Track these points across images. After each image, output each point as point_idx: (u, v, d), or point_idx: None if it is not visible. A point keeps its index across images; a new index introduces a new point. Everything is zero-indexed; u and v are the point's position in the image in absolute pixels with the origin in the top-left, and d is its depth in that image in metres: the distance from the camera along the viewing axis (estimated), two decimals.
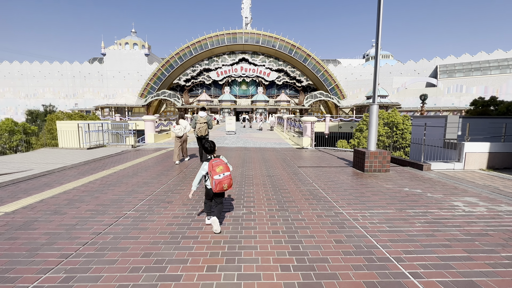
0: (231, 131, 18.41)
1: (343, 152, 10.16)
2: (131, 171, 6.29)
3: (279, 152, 9.99)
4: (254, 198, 4.31)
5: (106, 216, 3.48)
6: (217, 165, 2.96)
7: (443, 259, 2.45)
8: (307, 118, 11.93)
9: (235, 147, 11.62)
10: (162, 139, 14.93)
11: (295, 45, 45.82)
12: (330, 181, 5.50)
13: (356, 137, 18.79)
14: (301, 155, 9.40)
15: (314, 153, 9.93)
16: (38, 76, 48.74)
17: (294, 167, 6.98)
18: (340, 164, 7.45)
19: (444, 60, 43.86)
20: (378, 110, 6.51)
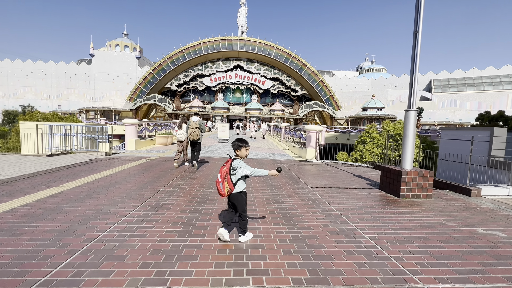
0: (223, 139, 16.79)
1: (355, 168, 8.70)
2: (86, 190, 4.56)
3: (281, 166, 8.43)
4: (264, 251, 2.68)
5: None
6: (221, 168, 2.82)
7: None
8: (312, 127, 10.51)
9: (228, 157, 9.97)
10: (145, 146, 13.13)
11: (291, 54, 45.27)
12: (363, 212, 3.95)
13: (358, 149, 17.52)
14: (308, 170, 7.87)
15: (322, 168, 8.42)
16: (19, 74, 45.92)
17: (306, 188, 5.42)
18: (361, 185, 5.94)
19: (438, 75, 44.24)
20: (415, 118, 5.12)
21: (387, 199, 4.76)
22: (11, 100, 45.76)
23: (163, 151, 11.33)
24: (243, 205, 2.82)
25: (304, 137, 12.16)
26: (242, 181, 2.81)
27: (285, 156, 11.17)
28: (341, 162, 9.80)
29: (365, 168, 8.78)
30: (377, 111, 36.48)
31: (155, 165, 7.65)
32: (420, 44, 4.95)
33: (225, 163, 2.77)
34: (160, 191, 4.74)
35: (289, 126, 16.93)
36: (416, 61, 4.99)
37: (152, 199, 4.23)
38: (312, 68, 45.48)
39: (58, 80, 46.57)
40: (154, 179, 5.75)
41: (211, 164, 8.31)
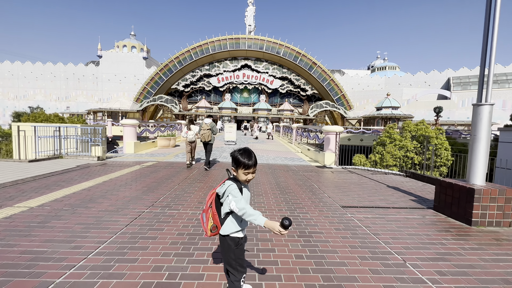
0: (231, 141, 15.62)
1: (385, 176, 7.31)
2: (45, 213, 3.43)
3: (296, 173, 7.15)
4: None
5: None
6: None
7: None
8: (331, 128, 9.17)
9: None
10: (145, 148, 12.09)
11: (300, 52, 43.82)
12: (434, 254, 2.63)
13: (377, 151, 15.98)
14: (330, 179, 6.55)
15: (345, 176, 7.08)
16: (29, 77, 46.32)
17: (336, 208, 4.13)
18: (406, 202, 4.59)
19: (457, 72, 41.79)
20: (491, 115, 3.75)
21: (455, 229, 3.41)
22: (22, 102, 46.21)
23: (163, 155, 10.24)
24: (232, 258, 1.64)
25: (320, 139, 10.83)
26: (233, 218, 1.65)
27: (299, 161, 9.86)
28: (366, 169, 8.42)
29: (396, 176, 7.38)
30: (392, 110, 34.55)
31: (150, 173, 6.52)
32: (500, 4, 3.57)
33: (220, 184, 1.72)
34: (143, 214, 3.55)
35: (301, 127, 15.58)
36: (493, 25, 3.60)
37: (128, 229, 3.04)
38: (322, 66, 43.88)
39: (66, 81, 46.73)
40: (142, 193, 4.58)
41: (214, 171, 7.11)
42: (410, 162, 14.48)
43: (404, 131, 16.50)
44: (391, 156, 14.92)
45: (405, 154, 14.94)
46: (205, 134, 7.46)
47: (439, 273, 2.29)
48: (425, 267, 2.38)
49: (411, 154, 14.52)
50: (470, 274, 2.29)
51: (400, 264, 2.43)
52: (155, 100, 42.41)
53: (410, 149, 14.67)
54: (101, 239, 2.73)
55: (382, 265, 2.40)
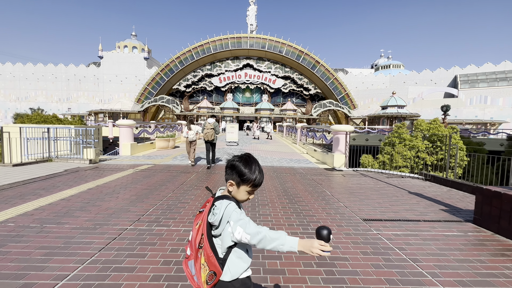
0: (232, 141, 14.99)
1: (402, 180, 6.62)
2: (5, 233, 2.81)
3: (304, 177, 6.49)
4: None
5: None
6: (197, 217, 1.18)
7: None
8: (340, 127, 8.49)
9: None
10: (142, 150, 11.51)
11: (303, 51, 43.11)
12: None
13: (386, 152, 15.24)
14: (342, 184, 5.88)
15: (359, 180, 6.41)
16: (30, 78, 46.18)
17: (357, 222, 3.47)
18: (436, 213, 3.91)
19: (464, 70, 40.76)
20: None
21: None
22: (23, 104, 46.09)
23: (161, 157, 9.65)
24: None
25: (328, 139, 10.16)
26: (239, 251, 1.11)
27: (306, 163, 9.19)
28: (380, 171, 7.72)
29: (415, 179, 6.68)
30: (398, 109, 33.70)
31: (143, 178, 5.91)
32: None
33: (203, 205, 1.19)
34: (124, 232, 2.92)
35: (306, 126, 14.90)
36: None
37: (102, 255, 2.41)
38: (325, 65, 43.12)
39: (68, 82, 46.51)
40: (130, 203, 3.96)
41: (214, 175, 6.48)
42: (421, 163, 13.74)
43: (415, 130, 15.76)
44: (401, 156, 14.18)
45: (416, 154, 14.20)
46: (208, 133, 7.60)
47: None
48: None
49: (423, 155, 13.78)
50: None
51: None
52: (156, 100, 41.98)
53: (421, 149, 13.92)
54: (61, 272, 2.10)
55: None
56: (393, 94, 34.77)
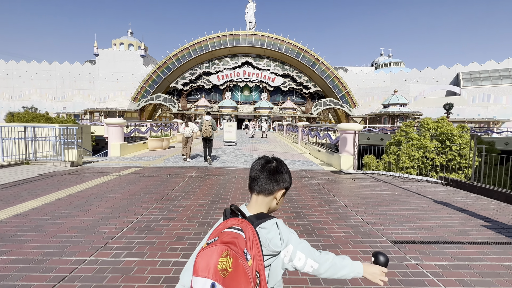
0: (230, 141, 14.22)
1: (419, 184, 5.89)
2: None
3: (310, 182, 5.76)
4: None
5: None
6: (223, 244, 0.70)
7: None
8: (347, 126, 7.75)
9: (235, 168, 7.38)
10: (133, 151, 10.74)
11: (303, 49, 42.32)
12: None
13: (392, 152, 14.53)
14: (356, 191, 5.15)
15: (372, 185, 5.68)
16: (24, 76, 45.11)
17: (387, 246, 2.73)
18: (481, 232, 3.18)
19: (466, 67, 40.11)
20: None
21: None
22: (17, 102, 45.06)
23: (152, 158, 8.88)
24: None
25: (333, 139, 9.42)
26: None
27: (310, 164, 8.45)
28: (393, 175, 6.99)
29: (433, 184, 5.96)
30: (400, 107, 33.03)
31: (126, 184, 5.15)
32: None
33: (216, 233, 0.76)
34: (78, 269, 2.16)
35: (307, 125, 14.14)
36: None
37: None
38: (325, 63, 42.37)
39: (62, 81, 45.50)
40: (100, 220, 3.21)
41: (208, 180, 5.72)
42: (430, 164, 13.04)
43: (422, 129, 15.05)
44: (409, 157, 13.48)
45: (424, 154, 13.49)
46: (206, 130, 7.77)
47: None
48: None
49: (432, 155, 13.08)
50: None
51: None
52: (153, 99, 41.08)
53: (430, 149, 13.22)
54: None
55: None
56: (395, 92, 34.08)
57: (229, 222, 0.77)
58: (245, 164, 8.08)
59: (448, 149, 12.93)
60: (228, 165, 7.87)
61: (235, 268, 0.66)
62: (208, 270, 0.66)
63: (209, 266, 0.66)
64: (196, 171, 6.75)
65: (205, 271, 0.66)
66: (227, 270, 0.65)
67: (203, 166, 7.59)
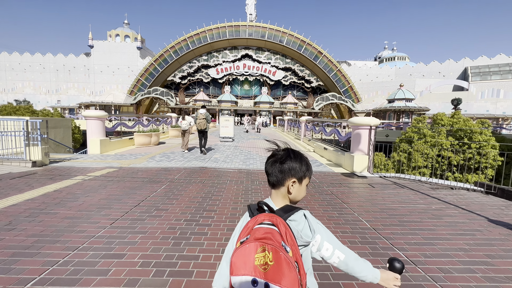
0: (227, 137, 13.05)
1: (456, 193, 4.73)
2: None
3: (319, 188, 4.61)
4: None
5: None
6: (256, 240, 0.74)
7: None
8: (362, 120, 6.55)
9: (228, 169, 6.22)
10: (117, 147, 9.57)
11: (305, 41, 40.77)
12: None
13: (402, 149, 13.34)
14: (379, 203, 3.98)
15: (397, 193, 4.52)
16: (17, 68, 43.72)
17: None
18: None
19: (475, 61, 38.61)
20: None
21: None
22: (10, 95, 43.76)
23: (135, 157, 7.73)
24: None
25: (342, 136, 8.24)
26: (312, 276, 0.93)
27: (316, 165, 7.29)
28: (418, 179, 5.82)
29: (471, 192, 4.81)
30: (406, 102, 31.72)
31: (84, 193, 4.01)
32: None
33: (247, 231, 0.78)
34: None
35: (311, 120, 12.94)
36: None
37: None
38: (328, 56, 40.88)
39: (56, 73, 44.12)
40: (11, 257, 2.06)
41: (192, 186, 4.56)
42: (445, 163, 11.88)
43: (435, 125, 13.85)
44: (422, 155, 12.31)
45: (438, 153, 12.33)
46: (201, 123, 8.19)
47: None
48: None
49: (448, 153, 11.89)
50: None
51: None
52: (150, 92, 39.78)
53: (446, 147, 12.04)
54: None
55: None
56: (401, 87, 32.72)
57: (259, 218, 0.79)
58: (240, 164, 6.92)
59: (466, 147, 11.75)
60: (220, 165, 6.71)
61: (276, 260, 0.68)
62: (245, 267, 0.69)
63: (246, 264, 0.70)
64: (181, 174, 5.60)
65: (243, 269, 0.69)
66: (268, 264, 0.68)
67: (191, 166, 6.44)
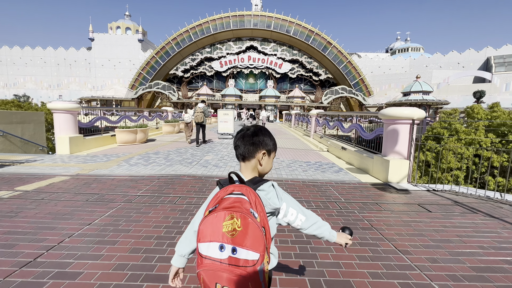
0: (226, 133, 11.44)
1: None
2: None
3: (343, 211, 2.92)
4: None
5: None
6: (224, 210, 0.78)
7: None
8: (400, 112, 4.79)
9: (219, 176, 4.59)
10: (93, 146, 8.09)
11: (313, 31, 38.46)
12: None
13: (429, 148, 11.43)
14: (447, 240, 2.28)
15: (475, 225, 2.81)
16: (18, 63, 42.98)
17: None
18: None
19: (498, 51, 35.61)
20: None
21: None
22: (12, 90, 43.16)
23: (108, 158, 6.23)
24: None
25: (366, 133, 6.51)
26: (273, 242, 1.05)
27: (334, 170, 5.61)
28: (486, 196, 4.10)
29: None
30: (423, 95, 29.34)
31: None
32: None
33: (216, 200, 0.82)
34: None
35: (323, 114, 11.18)
36: None
37: None
38: (338, 46, 38.52)
39: (57, 68, 43.20)
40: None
41: (153, 212, 2.97)
42: (485, 165, 9.97)
43: (469, 119, 11.89)
44: (455, 155, 10.42)
45: (475, 152, 10.42)
46: (198, 116, 8.60)
47: None
48: None
49: (488, 153, 9.97)
50: None
51: None
52: (151, 87, 38.41)
53: (485, 146, 10.13)
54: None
55: None
56: (417, 79, 30.26)
57: (229, 189, 0.82)
58: (236, 170, 5.31)
59: (511, 146, 9.81)
60: (209, 172, 5.11)
61: (244, 226, 0.73)
62: (213, 234, 0.73)
63: (214, 231, 0.73)
64: (150, 186, 4.03)
65: (211, 236, 0.73)
66: (236, 230, 0.72)
67: (169, 173, 4.87)
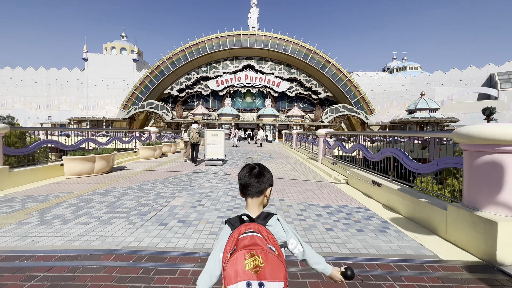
0: (215, 158, 9.25)
1: None
2: None
3: None
4: None
5: None
6: (243, 249, 0.85)
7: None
8: (501, 132, 2.68)
9: (178, 250, 2.33)
10: (28, 181, 5.84)
11: (311, 50, 37.92)
12: None
13: None
14: None
15: None
16: (8, 83, 41.68)
17: None
18: None
19: (501, 67, 34.91)
20: None
21: None
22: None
23: (20, 205, 3.96)
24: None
25: (413, 163, 4.36)
26: None
27: (373, 227, 3.38)
28: None
29: None
30: (430, 113, 27.79)
31: None
32: None
33: (233, 242, 0.89)
34: None
35: (333, 133, 9.13)
36: None
37: None
38: (337, 64, 37.76)
39: (48, 88, 41.87)
40: None
41: None
42: None
43: None
44: None
45: None
46: (194, 137, 8.95)
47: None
48: None
49: None
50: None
51: None
52: (144, 106, 36.83)
53: None
54: None
55: None
56: (422, 96, 28.96)
57: (242, 229, 0.90)
58: (216, 228, 3.05)
59: None
60: (163, 240, 2.85)
61: (266, 261, 0.79)
62: (237, 275, 0.78)
63: (237, 271, 0.79)
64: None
65: (236, 277, 0.78)
66: (259, 266, 0.79)
67: (79, 250, 2.61)
